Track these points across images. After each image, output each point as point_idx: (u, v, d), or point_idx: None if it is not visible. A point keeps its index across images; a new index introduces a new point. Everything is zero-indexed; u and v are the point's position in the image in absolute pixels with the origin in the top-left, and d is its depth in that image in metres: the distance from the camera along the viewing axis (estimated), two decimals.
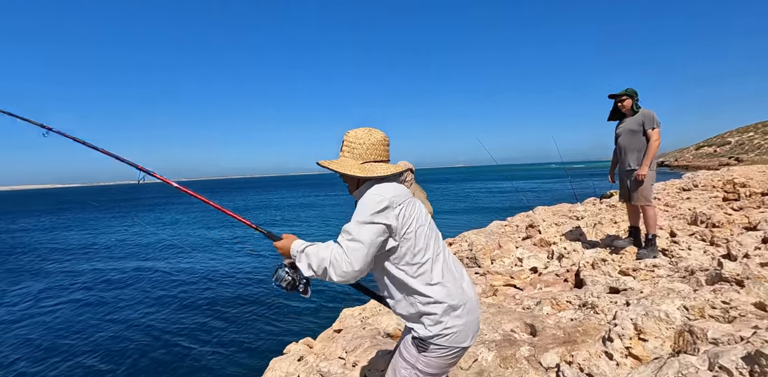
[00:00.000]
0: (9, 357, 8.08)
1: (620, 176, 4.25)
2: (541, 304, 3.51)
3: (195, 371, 6.99)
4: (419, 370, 1.45)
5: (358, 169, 1.46)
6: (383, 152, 1.55)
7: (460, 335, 1.46)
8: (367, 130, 1.54)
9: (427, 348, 1.44)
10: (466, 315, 1.48)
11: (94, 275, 15.15)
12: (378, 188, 1.43)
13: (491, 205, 32.45)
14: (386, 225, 1.36)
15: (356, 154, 1.51)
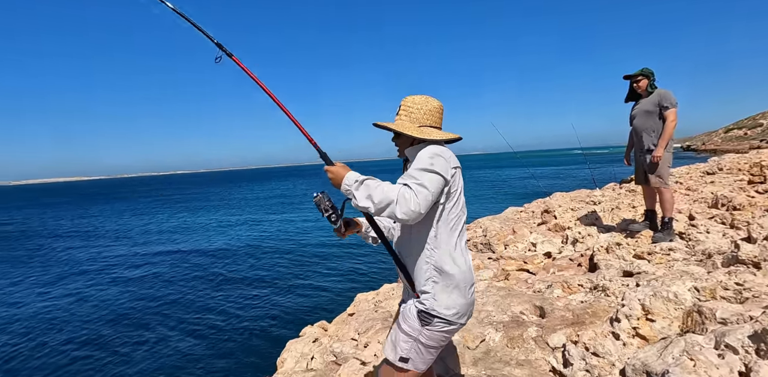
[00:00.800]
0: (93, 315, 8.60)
1: (636, 159, 4.15)
2: (552, 287, 3.50)
3: (218, 350, 7.28)
4: (422, 343, 1.48)
5: (416, 131, 1.50)
6: (438, 119, 1.59)
7: (464, 312, 1.51)
8: (425, 97, 1.59)
9: (431, 322, 1.47)
10: (471, 295, 1.53)
11: (150, 256, 15.86)
12: (438, 147, 1.47)
13: (508, 192, 32.11)
14: (444, 179, 1.39)
15: (413, 118, 1.56)
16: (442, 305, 1.45)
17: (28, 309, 10.84)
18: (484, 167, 79.45)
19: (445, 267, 1.48)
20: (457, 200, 1.50)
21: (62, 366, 7.28)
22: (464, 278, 1.50)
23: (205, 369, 6.68)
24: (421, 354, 1.48)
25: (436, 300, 1.46)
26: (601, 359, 2.10)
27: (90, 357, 7.55)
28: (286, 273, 12.37)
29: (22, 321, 9.87)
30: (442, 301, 1.46)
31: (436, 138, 1.52)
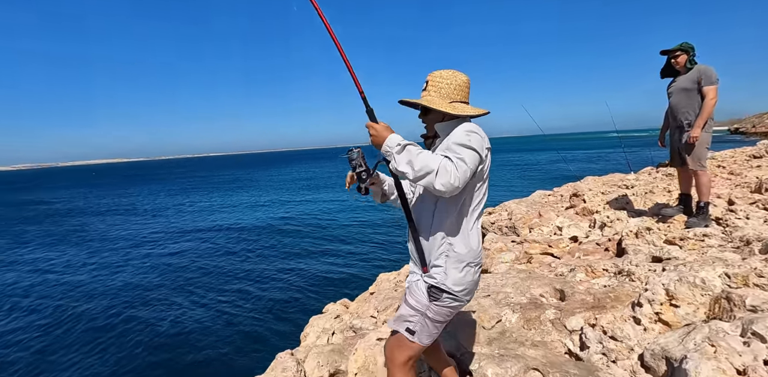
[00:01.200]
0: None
1: (671, 140, 3.93)
2: (575, 271, 3.43)
3: (246, 324, 7.64)
4: (428, 318, 1.50)
5: (448, 107, 1.48)
6: (466, 94, 1.56)
7: (471, 289, 1.53)
8: (453, 71, 1.55)
9: (440, 298, 1.48)
10: (478, 274, 1.56)
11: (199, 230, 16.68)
12: (474, 125, 1.46)
13: (538, 175, 31.32)
14: (480, 157, 1.39)
15: (443, 93, 1.52)
16: (451, 280, 1.46)
17: (71, 277, 11.67)
18: (515, 151, 77.53)
19: (461, 245, 1.49)
20: (484, 180, 1.50)
21: (101, 330, 7.86)
22: (475, 258, 1.51)
23: (233, 339, 7.08)
24: (426, 327, 1.50)
25: (446, 274, 1.47)
26: (619, 343, 2.06)
27: (128, 321, 8.11)
28: (313, 253, 12.70)
29: (63, 289, 10.67)
30: (452, 277, 1.46)
31: (470, 113, 1.50)
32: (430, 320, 1.49)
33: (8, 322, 8.79)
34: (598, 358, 2.05)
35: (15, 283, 11.74)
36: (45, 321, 8.67)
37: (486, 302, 2.90)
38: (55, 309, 9.38)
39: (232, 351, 6.76)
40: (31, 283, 11.61)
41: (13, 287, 11.41)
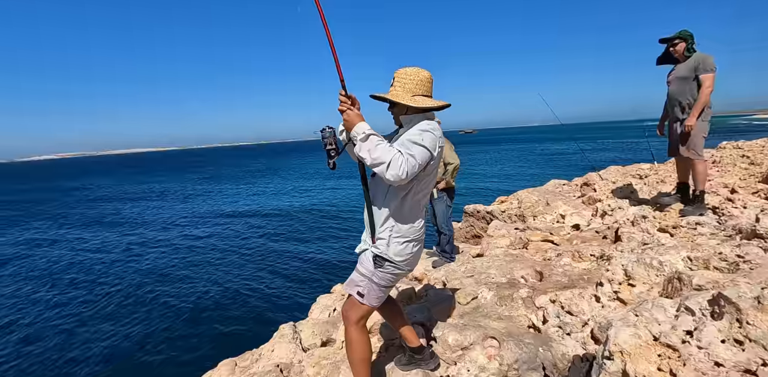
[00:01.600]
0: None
1: (669, 129, 3.92)
2: (562, 256, 3.55)
3: (265, 300, 8.16)
4: (374, 282, 1.73)
5: (410, 100, 1.68)
6: (428, 89, 1.74)
7: (410, 261, 1.76)
8: (416, 68, 1.73)
9: (383, 265, 1.71)
10: (419, 249, 1.79)
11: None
12: (431, 123, 1.67)
13: (562, 164, 30.62)
14: (431, 153, 1.60)
15: (407, 88, 1.70)
16: (392, 251, 1.68)
17: (106, 255, 12.62)
18: (543, 140, 75.41)
19: (406, 224, 1.71)
20: (433, 172, 1.70)
21: (133, 303, 8.57)
22: (414, 234, 1.73)
23: (251, 314, 7.66)
24: (373, 290, 1.73)
25: (389, 246, 1.69)
26: (574, 317, 2.22)
27: (156, 296, 8.79)
28: (330, 237, 13.18)
29: (98, 265, 11.58)
30: (393, 249, 1.68)
31: (429, 106, 1.69)
32: (376, 284, 1.72)
33: (54, 294, 9.69)
34: (554, 331, 2.23)
35: (58, 260, 12.83)
36: (83, 293, 9.52)
37: (467, 281, 3.10)
38: (92, 282, 10.27)
39: (249, 324, 7.33)
40: (71, 260, 12.68)
41: (57, 263, 12.48)
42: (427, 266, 4.28)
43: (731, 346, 1.53)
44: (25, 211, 25.85)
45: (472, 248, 5.32)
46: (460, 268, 3.51)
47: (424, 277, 4.01)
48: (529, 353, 2.08)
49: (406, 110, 1.74)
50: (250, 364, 3.15)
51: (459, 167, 4.14)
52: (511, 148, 58.98)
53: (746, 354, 1.48)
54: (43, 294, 9.90)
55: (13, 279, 11.30)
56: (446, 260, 4.24)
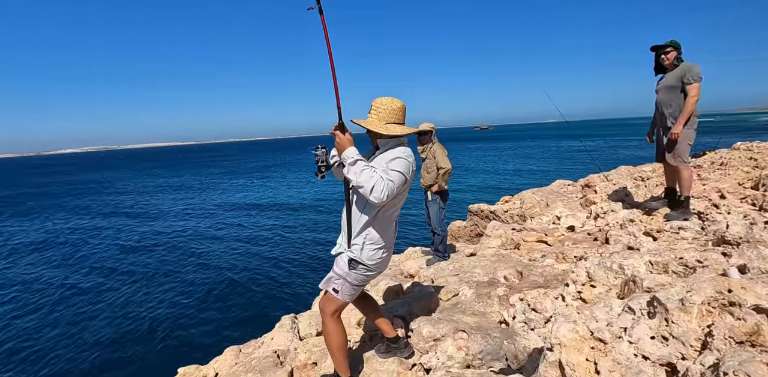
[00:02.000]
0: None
1: (657, 136, 4.04)
2: (546, 257, 3.75)
3: (271, 293, 8.56)
4: (348, 282, 1.99)
5: (382, 128, 1.94)
6: (401, 117, 2.00)
7: (380, 263, 2.02)
8: (391, 98, 1.99)
9: (356, 267, 1.97)
10: (388, 252, 2.05)
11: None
12: (407, 151, 1.94)
13: (570, 163, 30.30)
14: (406, 178, 1.88)
15: (381, 116, 1.96)
16: (365, 256, 1.94)
17: (125, 243, 13.25)
18: (558, 138, 74.21)
19: (377, 234, 1.97)
20: (404, 192, 1.97)
21: (159, 285, 9.07)
22: (386, 242, 2.00)
23: (260, 304, 8.08)
24: (347, 288, 1.99)
25: (361, 251, 1.94)
26: (538, 314, 2.44)
27: (175, 280, 9.28)
28: (337, 232, 13.59)
29: (119, 250, 12.18)
30: (366, 253, 1.94)
31: (400, 133, 1.95)
32: (350, 283, 1.98)
33: (67, 279, 10.30)
34: (520, 326, 2.45)
35: (77, 247, 13.55)
36: (99, 279, 10.11)
37: (452, 279, 3.34)
38: (108, 269, 10.87)
39: (255, 314, 7.78)
40: (89, 249, 13.40)
41: (76, 250, 13.18)
42: (421, 264, 4.52)
43: (658, 342, 1.74)
44: (51, 201, 27.10)
45: (467, 248, 5.54)
46: (449, 267, 3.74)
47: (416, 274, 4.26)
48: (495, 345, 2.31)
49: (380, 135, 1.98)
50: (253, 351, 3.47)
51: (451, 172, 4.35)
52: (525, 145, 58.38)
53: (668, 349, 1.69)
54: (60, 278, 10.56)
55: (37, 265, 12.03)
56: (439, 258, 4.48)
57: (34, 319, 8.36)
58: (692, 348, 1.64)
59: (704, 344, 1.60)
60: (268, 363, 2.78)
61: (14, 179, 57.27)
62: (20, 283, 10.69)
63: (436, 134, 4.44)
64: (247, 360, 2.99)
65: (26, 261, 12.92)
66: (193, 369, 3.48)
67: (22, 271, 11.85)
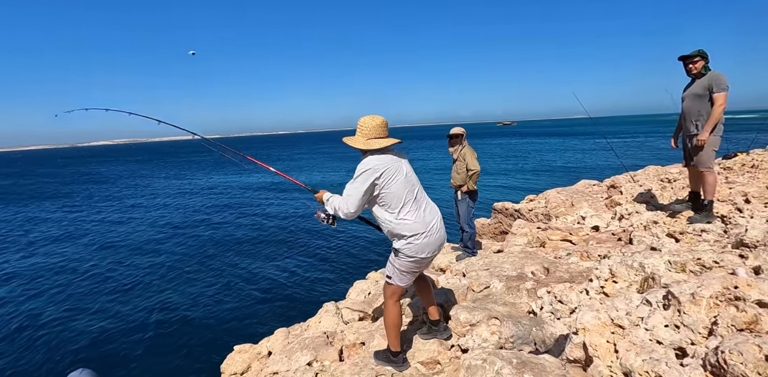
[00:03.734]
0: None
1: (683, 142, 4.21)
2: (571, 255, 4.01)
3: (310, 282, 9.05)
4: (396, 267, 2.35)
5: (363, 144, 2.29)
6: (382, 132, 2.32)
7: (415, 250, 2.27)
8: (372, 116, 2.34)
9: (398, 255, 2.32)
10: (422, 239, 2.27)
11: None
12: (366, 160, 2.25)
13: (596, 162, 29.82)
14: (364, 187, 2.20)
15: (364, 133, 2.31)
16: (400, 245, 2.29)
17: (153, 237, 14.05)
18: (584, 134, 72.54)
19: (393, 229, 2.28)
20: (391, 188, 2.24)
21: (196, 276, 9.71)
22: (414, 230, 2.25)
23: (298, 294, 8.57)
24: (398, 274, 2.34)
25: (397, 242, 2.31)
26: (564, 305, 2.73)
27: (216, 274, 9.90)
28: (359, 229, 14.02)
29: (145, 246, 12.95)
30: (400, 243, 2.29)
31: (377, 147, 2.27)
32: (398, 269, 2.33)
33: (129, 268, 11.09)
34: (547, 316, 2.75)
35: (137, 236, 14.44)
36: (165, 260, 10.85)
37: (483, 273, 3.65)
38: (169, 258, 11.59)
39: (296, 302, 8.29)
40: (147, 237, 14.24)
41: (138, 241, 14.06)
42: (451, 259, 4.84)
43: (671, 329, 2.02)
44: (87, 191, 28.66)
45: (494, 245, 5.82)
46: (479, 262, 4.05)
47: (447, 268, 4.59)
48: (524, 331, 2.63)
49: (363, 150, 2.33)
50: (301, 332, 3.88)
51: (479, 173, 4.63)
52: (549, 142, 57.44)
53: (680, 336, 1.97)
54: (118, 262, 11.36)
55: (79, 252, 12.93)
56: (468, 254, 4.78)
57: (103, 298, 9.15)
58: (700, 335, 1.91)
59: (710, 331, 1.87)
60: (320, 342, 3.17)
61: (56, 168, 60.37)
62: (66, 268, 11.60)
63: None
64: (300, 339, 3.39)
65: (79, 246, 13.88)
66: (247, 347, 3.92)
67: (75, 255, 12.79)
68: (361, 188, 2.20)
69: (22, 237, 15.98)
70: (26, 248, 14.35)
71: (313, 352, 3.09)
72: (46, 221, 19.08)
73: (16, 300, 9.39)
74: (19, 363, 6.76)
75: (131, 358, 6.74)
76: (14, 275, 11.23)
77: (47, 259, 12.79)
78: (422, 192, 2.40)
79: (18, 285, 10.47)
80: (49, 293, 9.78)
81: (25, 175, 51.48)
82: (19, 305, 9.11)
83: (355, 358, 2.88)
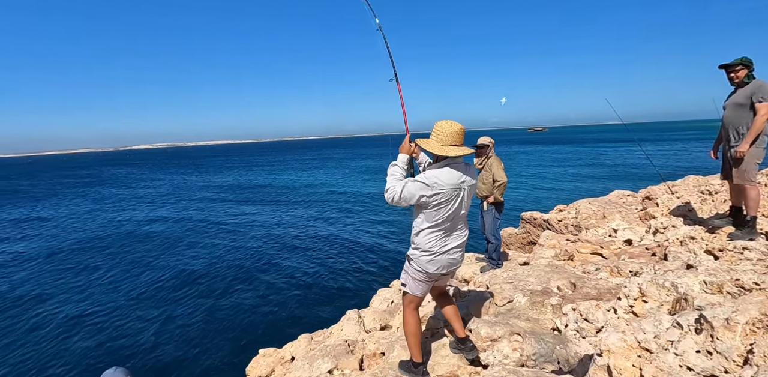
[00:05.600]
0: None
1: (723, 153, 4.01)
2: (600, 270, 3.88)
3: (332, 290, 9.14)
4: (409, 275, 2.37)
5: (438, 149, 2.27)
6: (458, 139, 2.31)
7: (424, 264, 2.30)
8: (450, 122, 2.31)
9: (410, 261, 2.34)
10: (433, 256, 2.30)
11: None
12: (434, 173, 2.23)
13: (632, 171, 28.60)
14: (416, 195, 2.20)
15: (440, 138, 2.28)
16: (413, 254, 2.31)
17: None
18: (619, 142, 69.90)
19: (421, 240, 2.30)
20: (438, 208, 2.24)
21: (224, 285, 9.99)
22: (432, 247, 2.28)
23: (320, 299, 8.70)
24: (411, 282, 2.36)
25: (412, 250, 2.33)
26: (590, 324, 2.65)
27: (240, 282, 10.16)
28: (396, 233, 14.01)
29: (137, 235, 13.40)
30: (414, 253, 2.31)
31: (453, 155, 2.26)
32: (411, 277, 2.34)
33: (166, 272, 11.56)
34: (572, 334, 2.68)
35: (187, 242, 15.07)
36: (195, 268, 11.26)
37: (506, 286, 3.59)
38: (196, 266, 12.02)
39: (319, 309, 8.39)
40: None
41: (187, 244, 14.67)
42: (476, 271, 4.79)
43: (703, 356, 1.93)
44: (131, 194, 30.12)
45: (520, 256, 5.71)
46: (503, 274, 3.98)
47: (471, 279, 4.53)
48: (548, 349, 2.57)
49: (436, 155, 2.33)
50: (323, 339, 3.93)
51: (506, 185, 4.57)
52: (582, 150, 55.68)
53: (712, 363, 1.88)
54: (164, 268, 11.87)
55: (107, 249, 13.58)
56: (493, 266, 4.71)
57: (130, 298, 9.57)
58: (734, 363, 1.82)
59: (746, 360, 1.78)
60: (342, 350, 3.20)
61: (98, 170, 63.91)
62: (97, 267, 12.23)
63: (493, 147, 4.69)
64: (321, 346, 3.44)
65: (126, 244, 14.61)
66: (272, 351, 4.01)
67: (113, 255, 13.46)
68: (412, 193, 2.19)
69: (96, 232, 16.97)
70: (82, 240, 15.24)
71: (334, 360, 3.13)
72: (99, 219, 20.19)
73: (56, 299, 9.96)
74: (55, 361, 7.14)
75: (161, 357, 7.01)
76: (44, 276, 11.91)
77: (86, 255, 13.53)
78: (463, 220, 2.39)
79: (50, 283, 11.10)
80: (83, 291, 10.33)
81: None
82: (60, 304, 9.65)
83: (375, 368, 2.90)
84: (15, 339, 7.96)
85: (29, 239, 16.70)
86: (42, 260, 13.37)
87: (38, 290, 10.55)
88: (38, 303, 9.66)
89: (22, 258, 13.67)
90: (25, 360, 7.14)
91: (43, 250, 14.70)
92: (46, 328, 8.36)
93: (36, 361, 7.10)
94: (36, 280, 11.38)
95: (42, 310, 9.25)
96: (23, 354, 7.35)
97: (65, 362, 7.06)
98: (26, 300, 9.90)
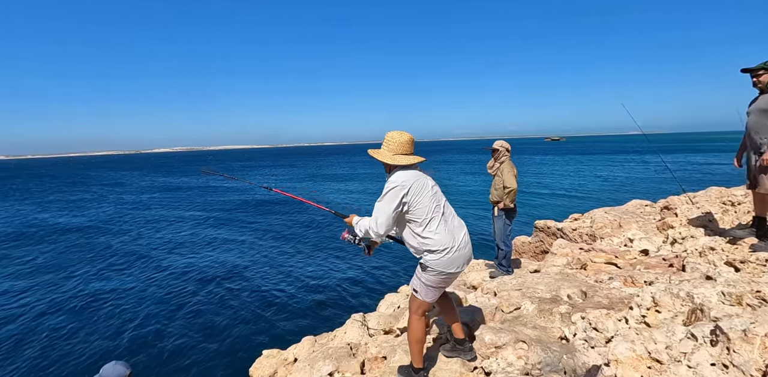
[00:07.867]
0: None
1: (747, 161, 3.86)
2: (613, 279, 3.75)
3: (340, 294, 9.09)
4: (423, 282, 2.30)
5: (389, 158, 2.30)
6: (408, 148, 2.34)
7: (444, 264, 2.23)
8: (399, 132, 2.35)
9: (425, 269, 2.27)
10: (452, 253, 2.23)
11: None
12: (394, 176, 2.24)
13: (652, 181, 27.88)
14: (393, 204, 2.18)
15: (390, 148, 2.32)
16: (428, 260, 2.24)
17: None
18: (639, 152, 68.42)
19: (422, 244, 2.25)
20: (419, 204, 2.22)
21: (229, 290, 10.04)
22: (442, 245, 2.21)
23: (327, 302, 8.69)
24: (424, 288, 2.29)
25: (424, 257, 2.26)
26: (599, 333, 2.55)
27: (240, 285, 10.20)
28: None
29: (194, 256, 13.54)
30: (428, 258, 2.24)
31: (404, 163, 2.27)
32: (424, 284, 2.28)
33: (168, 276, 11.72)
34: (581, 343, 2.58)
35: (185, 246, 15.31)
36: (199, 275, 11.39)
37: (514, 293, 3.50)
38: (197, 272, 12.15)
39: (326, 312, 8.35)
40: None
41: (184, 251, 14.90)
42: (485, 277, 4.69)
43: (718, 369, 1.83)
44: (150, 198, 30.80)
45: (532, 264, 5.58)
46: (512, 281, 3.89)
47: (479, 286, 4.44)
48: (554, 358, 2.47)
49: (390, 166, 2.33)
50: (327, 342, 3.89)
51: (516, 191, 4.49)
52: (601, 159, 54.68)
53: (728, 376, 1.77)
54: (166, 269, 12.05)
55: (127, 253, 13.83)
56: (502, 273, 4.61)
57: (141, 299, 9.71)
58: None
59: (764, 374, 1.67)
60: (343, 353, 3.16)
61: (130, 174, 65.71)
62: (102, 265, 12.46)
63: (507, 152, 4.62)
64: (324, 349, 3.40)
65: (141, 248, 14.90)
66: (275, 353, 3.99)
67: (124, 256, 13.73)
68: (391, 205, 2.17)
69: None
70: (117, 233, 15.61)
71: (335, 363, 3.09)
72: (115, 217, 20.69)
73: (57, 295, 10.15)
74: (55, 355, 7.23)
75: (164, 356, 7.05)
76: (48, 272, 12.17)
77: (93, 254, 13.83)
78: (448, 207, 2.37)
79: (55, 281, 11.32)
80: (85, 289, 10.50)
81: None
82: (62, 302, 9.81)
83: (376, 372, 2.84)
84: (14, 334, 8.11)
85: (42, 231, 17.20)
86: (58, 249, 13.75)
87: (41, 283, 10.82)
88: (40, 297, 9.89)
89: (23, 258, 14.01)
90: (24, 357, 7.23)
91: (68, 233, 15.09)
92: (47, 323, 8.51)
93: (35, 356, 7.20)
94: (40, 273, 11.70)
95: (43, 303, 9.46)
96: (22, 351, 7.45)
97: (64, 355, 7.16)
98: (26, 299, 10.09)
